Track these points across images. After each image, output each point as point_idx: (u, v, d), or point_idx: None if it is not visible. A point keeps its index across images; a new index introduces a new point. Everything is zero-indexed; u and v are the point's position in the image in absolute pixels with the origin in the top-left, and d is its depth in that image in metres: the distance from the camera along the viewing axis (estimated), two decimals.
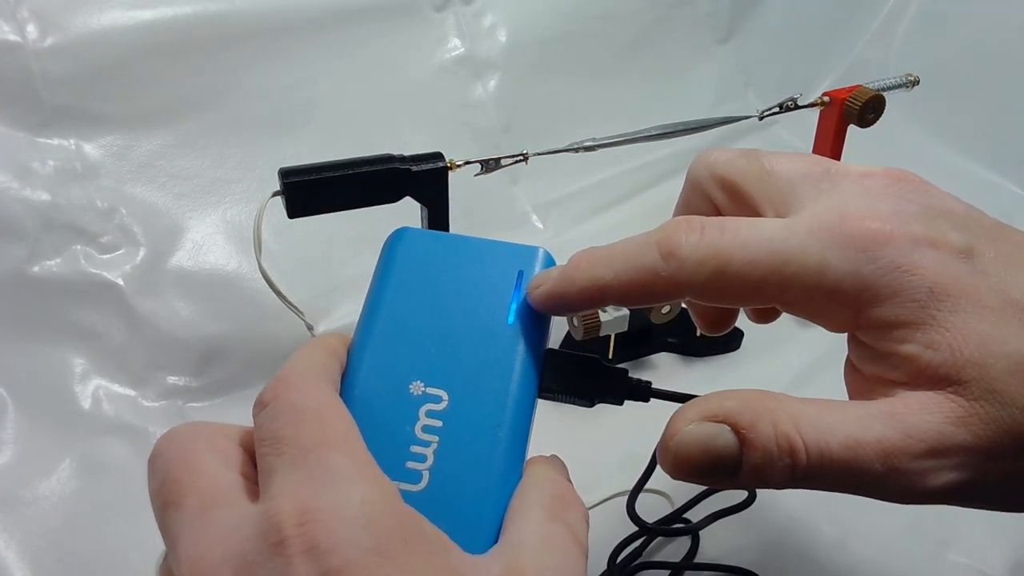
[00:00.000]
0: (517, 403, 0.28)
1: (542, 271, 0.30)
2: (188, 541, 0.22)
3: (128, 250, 0.54)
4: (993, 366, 0.24)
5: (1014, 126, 0.80)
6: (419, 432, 0.26)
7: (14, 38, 0.51)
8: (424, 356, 0.28)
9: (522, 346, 0.29)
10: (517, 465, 0.27)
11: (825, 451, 0.24)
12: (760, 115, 0.55)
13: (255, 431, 0.24)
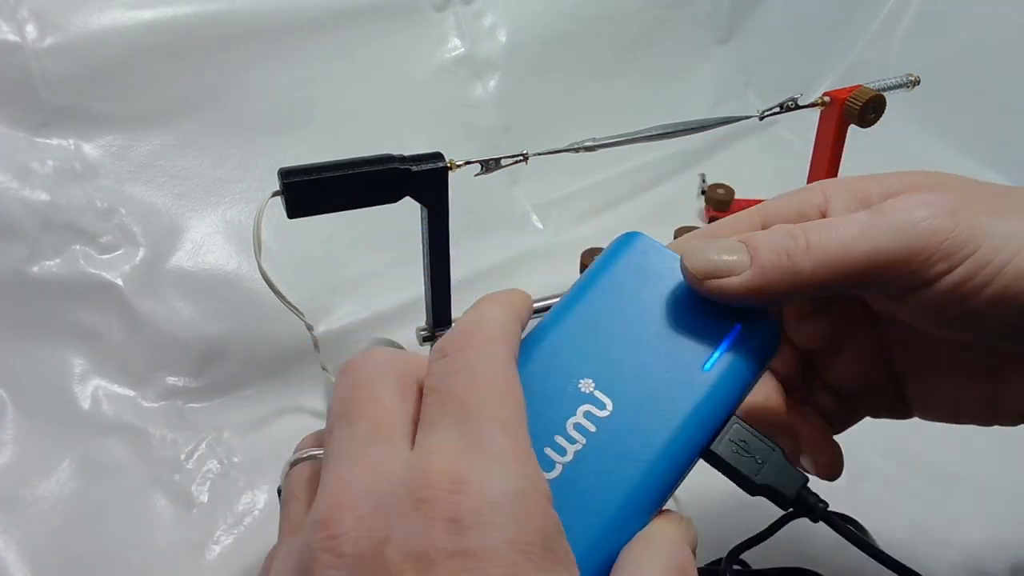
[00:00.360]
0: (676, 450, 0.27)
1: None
2: (344, 462, 0.22)
3: (128, 250, 0.54)
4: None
5: (1014, 126, 0.80)
6: (570, 427, 0.26)
7: (14, 38, 0.51)
8: (606, 360, 0.28)
9: (707, 399, 0.28)
10: (647, 510, 0.26)
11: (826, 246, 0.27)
12: (760, 115, 0.55)
13: (427, 376, 0.24)
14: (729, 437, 0.28)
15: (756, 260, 0.28)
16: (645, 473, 0.26)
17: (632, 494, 0.26)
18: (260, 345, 0.55)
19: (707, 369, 0.28)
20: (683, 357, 0.28)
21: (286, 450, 0.46)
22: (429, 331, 0.51)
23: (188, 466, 0.49)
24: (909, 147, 0.83)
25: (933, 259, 0.27)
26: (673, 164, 0.79)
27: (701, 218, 0.74)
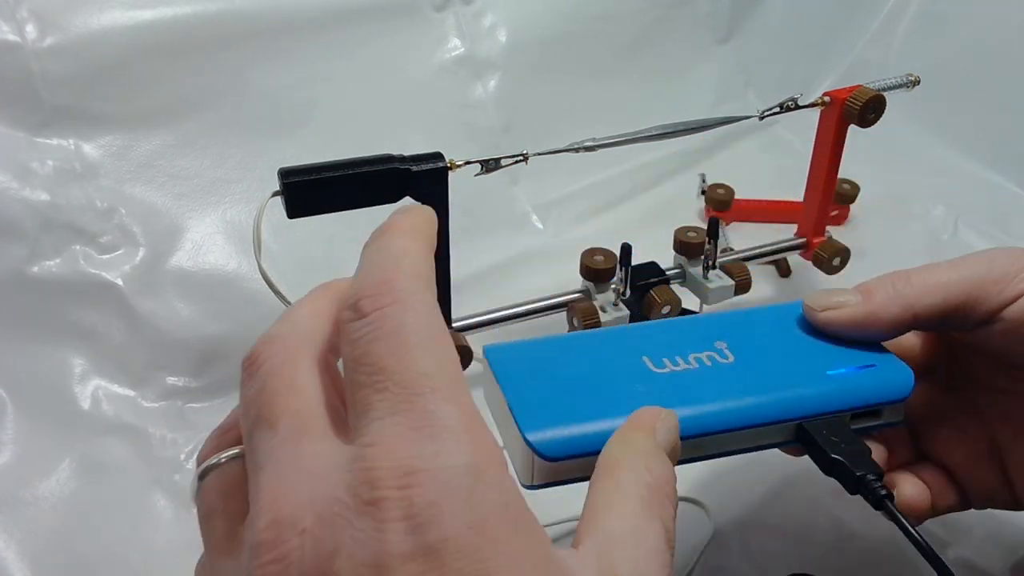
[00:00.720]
0: (767, 404, 0.34)
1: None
2: (273, 472, 0.20)
3: (127, 250, 0.54)
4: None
5: (1014, 126, 0.80)
6: (691, 357, 0.35)
7: (13, 38, 0.51)
8: (747, 339, 0.36)
9: (816, 388, 0.34)
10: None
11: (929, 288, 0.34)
12: (760, 115, 0.55)
13: (346, 345, 0.21)
14: (826, 423, 0.34)
15: (866, 294, 0.35)
16: (738, 399, 0.33)
17: (717, 413, 0.33)
18: None
19: (830, 373, 0.35)
20: (814, 361, 0.35)
21: None
22: None
23: (188, 466, 0.49)
24: (909, 147, 0.83)
25: (1017, 278, 0.33)
26: (673, 164, 0.79)
27: (701, 218, 0.74)
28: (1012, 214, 0.74)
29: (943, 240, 0.72)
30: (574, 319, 0.52)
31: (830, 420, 0.34)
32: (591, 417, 0.32)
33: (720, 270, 0.56)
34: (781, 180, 0.74)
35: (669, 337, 0.37)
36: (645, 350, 0.36)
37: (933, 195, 0.76)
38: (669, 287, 0.55)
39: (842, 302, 0.35)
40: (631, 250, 0.52)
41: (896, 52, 0.90)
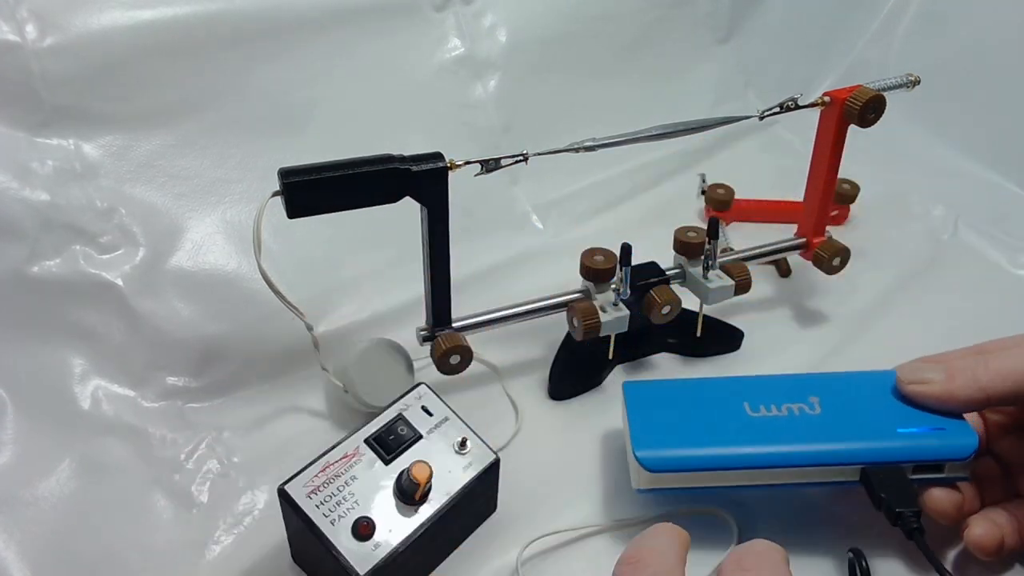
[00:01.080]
0: (842, 451, 0.43)
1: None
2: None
3: (127, 250, 0.54)
4: None
5: (1014, 126, 0.80)
6: (784, 406, 0.45)
7: (13, 38, 0.51)
8: (836, 396, 0.46)
9: (885, 442, 0.43)
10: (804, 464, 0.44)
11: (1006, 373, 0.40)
12: (760, 115, 0.55)
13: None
14: (886, 470, 0.43)
15: (948, 375, 0.42)
16: (816, 444, 0.44)
17: (799, 452, 0.43)
18: (260, 345, 0.55)
19: (900, 431, 0.43)
20: (890, 419, 0.44)
21: (286, 450, 0.47)
22: (429, 331, 0.51)
23: (188, 466, 0.49)
24: (909, 147, 0.83)
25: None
26: (673, 164, 0.79)
27: (701, 218, 0.74)
28: (1012, 214, 0.74)
29: (943, 240, 0.72)
30: (574, 319, 0.52)
31: (891, 468, 0.43)
32: (687, 444, 0.44)
33: (720, 270, 0.56)
34: (781, 180, 0.74)
35: (771, 388, 0.47)
36: (748, 397, 0.46)
37: (933, 195, 0.76)
38: (669, 287, 0.55)
39: (928, 379, 0.43)
40: (631, 250, 0.52)
41: (896, 52, 0.90)
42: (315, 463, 0.40)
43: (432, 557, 0.43)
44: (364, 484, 0.40)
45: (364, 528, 0.38)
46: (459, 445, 0.43)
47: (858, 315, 0.63)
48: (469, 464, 0.43)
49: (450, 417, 0.44)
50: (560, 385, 0.55)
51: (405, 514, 0.40)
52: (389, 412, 0.43)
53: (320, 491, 0.39)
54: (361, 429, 0.42)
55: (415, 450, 0.42)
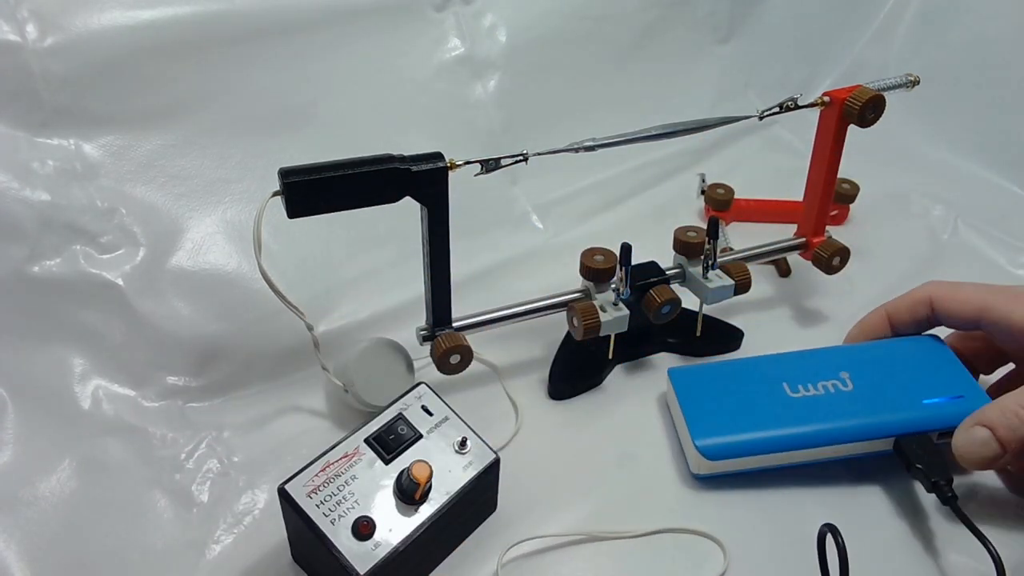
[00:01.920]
0: (874, 422, 0.48)
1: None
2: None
3: (128, 250, 0.54)
4: None
5: (1014, 126, 0.80)
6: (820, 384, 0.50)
7: (14, 38, 0.51)
8: (866, 368, 0.51)
9: (911, 414, 0.48)
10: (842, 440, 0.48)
11: None
12: (760, 115, 0.55)
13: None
14: (917, 440, 0.47)
15: (999, 438, 0.43)
16: (853, 420, 0.48)
17: (840, 428, 0.48)
18: (260, 345, 0.55)
19: (926, 402, 0.48)
20: (916, 391, 0.49)
21: (286, 450, 0.47)
22: (429, 331, 0.51)
23: (188, 466, 0.49)
24: (909, 147, 0.83)
25: None
26: (673, 164, 0.79)
27: (701, 218, 0.74)
28: (1012, 214, 0.74)
29: (943, 240, 0.72)
30: (574, 319, 0.52)
31: (920, 438, 0.47)
32: (741, 430, 0.48)
33: (720, 270, 0.56)
34: (781, 180, 0.74)
35: (805, 366, 0.51)
36: (786, 377, 0.50)
37: (933, 195, 0.76)
38: (669, 287, 0.55)
39: (986, 454, 0.44)
40: (631, 250, 0.52)
41: (896, 52, 0.90)
42: (315, 463, 0.40)
43: (432, 557, 0.43)
44: (364, 484, 0.40)
45: (364, 527, 0.38)
46: (459, 445, 0.43)
47: (858, 315, 0.63)
48: (469, 463, 0.43)
49: (450, 417, 0.44)
50: (560, 385, 0.55)
51: (405, 514, 0.40)
52: (389, 412, 0.43)
53: (320, 491, 0.39)
54: (361, 429, 0.42)
55: (415, 450, 0.42)
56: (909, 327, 0.53)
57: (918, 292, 0.51)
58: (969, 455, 0.44)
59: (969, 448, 0.44)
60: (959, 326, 0.51)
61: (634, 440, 0.52)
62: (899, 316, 0.52)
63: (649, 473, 0.50)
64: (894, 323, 0.53)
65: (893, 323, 0.53)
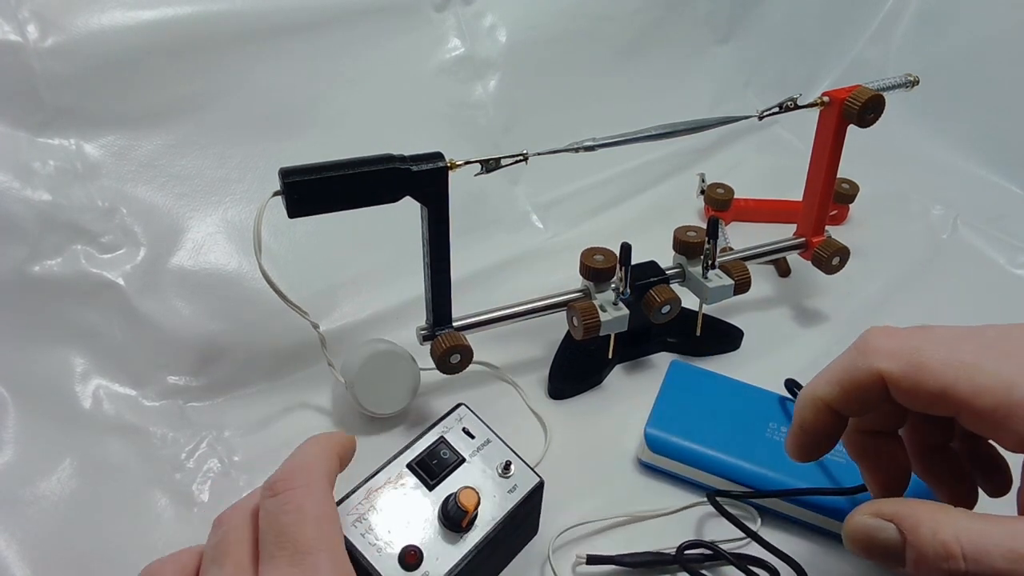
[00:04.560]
0: None
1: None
2: None
3: (129, 250, 0.54)
4: None
5: (1014, 126, 0.80)
6: None
7: (15, 38, 0.51)
8: None
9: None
10: None
11: (984, 560, 0.28)
12: (760, 115, 0.55)
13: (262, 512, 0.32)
14: None
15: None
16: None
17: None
18: (260, 344, 0.55)
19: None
20: None
21: (287, 449, 0.46)
22: (429, 330, 0.51)
23: (189, 465, 0.49)
24: (908, 147, 0.83)
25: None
26: (673, 164, 0.79)
27: (701, 218, 0.74)
28: (1011, 214, 0.74)
29: (942, 239, 0.72)
30: (574, 318, 0.52)
31: None
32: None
33: (720, 269, 0.56)
34: (780, 180, 0.74)
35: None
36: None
37: (932, 195, 0.76)
38: (669, 286, 0.55)
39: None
40: (631, 249, 0.52)
41: (895, 52, 0.91)
42: (358, 490, 0.39)
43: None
44: (408, 511, 0.38)
45: (411, 557, 0.37)
46: (503, 469, 0.41)
47: (857, 314, 0.63)
48: (514, 488, 0.41)
49: (492, 439, 0.43)
50: (560, 384, 0.55)
51: (451, 541, 0.38)
52: (431, 435, 0.42)
53: (364, 519, 0.38)
54: (403, 453, 0.41)
55: (458, 474, 0.41)
56: (870, 416, 0.37)
57: (859, 370, 0.33)
58: (856, 532, 0.32)
59: (860, 527, 0.32)
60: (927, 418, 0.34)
61: (634, 440, 0.52)
62: (847, 406, 0.35)
63: None
64: (844, 413, 0.35)
65: (842, 413, 0.35)
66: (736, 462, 0.47)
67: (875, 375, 0.32)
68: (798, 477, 0.46)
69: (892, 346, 0.33)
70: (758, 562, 0.43)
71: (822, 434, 0.35)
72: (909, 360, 0.32)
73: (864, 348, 0.33)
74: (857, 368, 0.33)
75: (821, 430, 0.35)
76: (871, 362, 0.33)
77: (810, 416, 0.35)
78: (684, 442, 0.48)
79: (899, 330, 0.33)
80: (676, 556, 0.43)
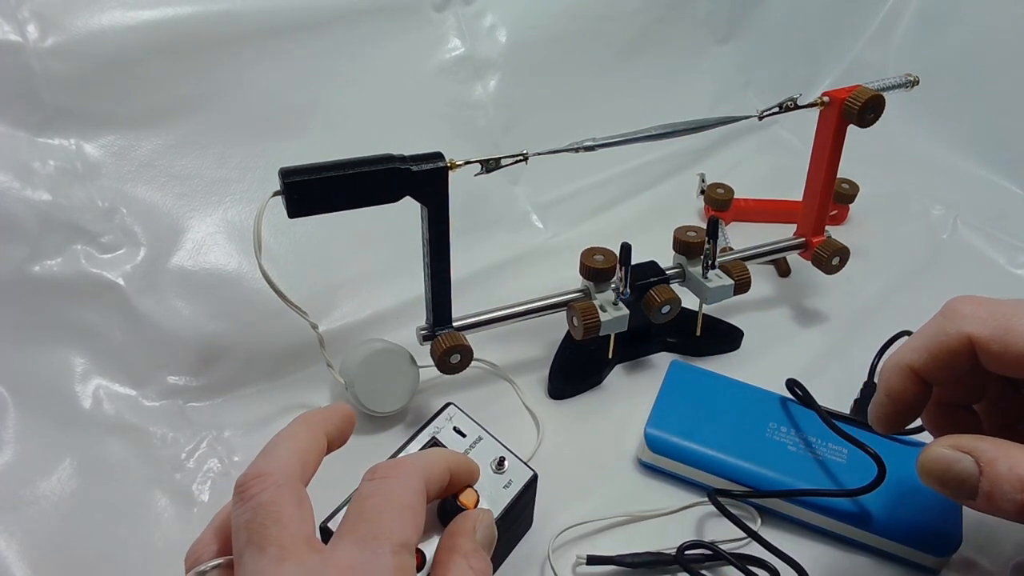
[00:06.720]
0: None
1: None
2: None
3: (129, 250, 0.54)
4: None
5: (1013, 126, 0.80)
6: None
7: (15, 38, 0.51)
8: None
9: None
10: None
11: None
12: (760, 115, 0.55)
13: (234, 508, 0.31)
14: None
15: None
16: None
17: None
18: (260, 344, 0.55)
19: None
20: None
21: None
22: (429, 330, 0.51)
23: (189, 465, 0.49)
24: (908, 147, 0.83)
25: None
26: (673, 164, 0.79)
27: (701, 218, 0.74)
28: (1011, 214, 0.74)
29: (942, 239, 0.72)
30: (574, 318, 0.52)
31: None
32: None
33: (719, 269, 0.56)
34: (780, 180, 0.75)
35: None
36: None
37: (932, 195, 0.76)
38: (669, 286, 0.55)
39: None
40: (631, 249, 0.52)
41: (895, 52, 0.91)
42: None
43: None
44: None
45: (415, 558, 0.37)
46: (497, 464, 0.42)
47: (857, 314, 0.63)
48: (508, 483, 0.41)
49: (483, 436, 0.43)
50: (560, 384, 0.55)
51: None
52: (422, 436, 0.42)
53: None
54: (396, 457, 0.41)
55: None
56: (951, 387, 0.38)
57: (949, 335, 0.34)
58: (934, 463, 0.33)
59: (939, 458, 0.33)
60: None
61: (634, 440, 0.52)
62: (935, 373, 0.35)
63: None
64: (930, 380, 0.36)
65: (928, 380, 0.36)
66: (736, 462, 0.47)
67: (964, 339, 0.33)
68: (798, 477, 0.46)
69: (980, 311, 0.33)
70: (758, 562, 0.43)
71: (908, 403, 0.36)
72: (999, 324, 0.33)
73: (952, 314, 0.34)
74: (946, 333, 0.34)
75: (908, 398, 0.36)
76: (960, 326, 0.33)
77: (897, 384, 0.36)
78: (684, 442, 0.48)
79: (985, 298, 0.34)
80: (676, 556, 0.43)
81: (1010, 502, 0.30)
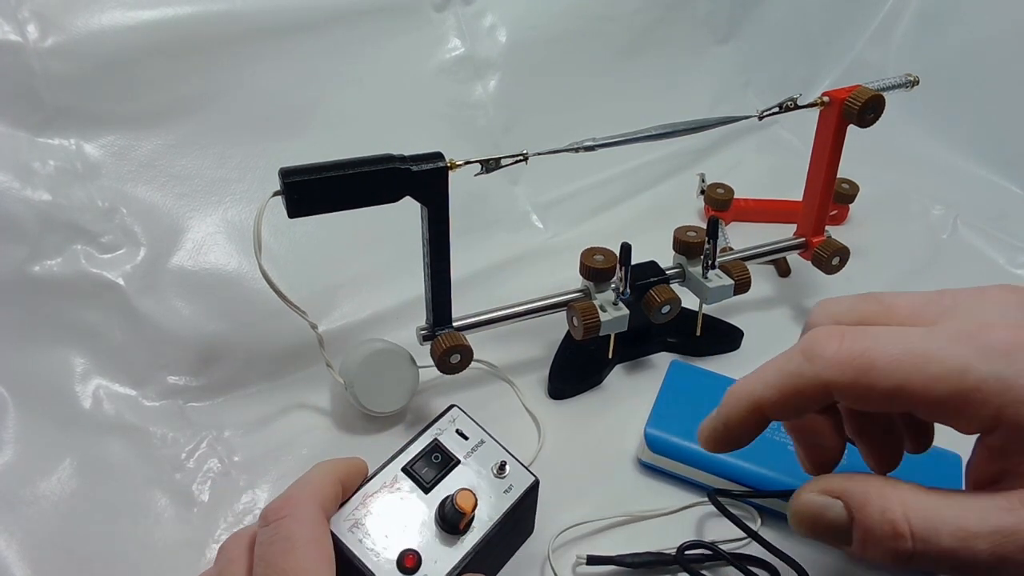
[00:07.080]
0: None
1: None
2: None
3: (129, 250, 0.54)
4: None
5: (1014, 126, 0.80)
6: None
7: (15, 38, 0.51)
8: None
9: None
10: None
11: (932, 539, 0.27)
12: (760, 115, 0.55)
13: (258, 537, 0.33)
14: None
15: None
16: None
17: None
18: (260, 344, 0.55)
19: None
20: None
21: (286, 449, 0.47)
22: (429, 331, 0.51)
23: (189, 465, 0.49)
24: (908, 147, 0.83)
25: None
26: (673, 164, 0.80)
27: (700, 218, 0.74)
28: (1011, 214, 0.74)
29: (942, 239, 0.72)
30: (574, 318, 0.52)
31: None
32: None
33: (720, 269, 0.56)
34: (780, 180, 0.75)
35: None
36: None
37: (932, 194, 0.76)
38: (669, 286, 0.55)
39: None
40: (631, 249, 0.52)
41: (895, 52, 0.91)
42: (355, 495, 0.39)
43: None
44: (405, 515, 0.38)
45: (410, 561, 0.37)
46: (498, 469, 0.41)
47: None
48: (509, 488, 0.41)
49: (486, 440, 0.43)
50: (560, 384, 0.55)
51: (449, 544, 0.38)
52: (424, 437, 0.42)
53: (361, 525, 0.37)
54: (398, 457, 0.41)
55: (454, 476, 0.40)
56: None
57: (804, 379, 0.31)
58: (803, 511, 0.31)
59: (808, 505, 0.31)
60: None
61: (634, 440, 0.52)
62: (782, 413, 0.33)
63: None
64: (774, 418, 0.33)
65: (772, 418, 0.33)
66: (736, 462, 0.47)
67: (821, 385, 0.30)
68: (798, 477, 0.45)
69: (840, 354, 0.30)
70: (758, 562, 0.43)
71: (745, 432, 0.34)
72: (858, 366, 0.29)
73: (811, 355, 0.30)
74: (802, 376, 0.31)
75: (748, 429, 0.33)
76: (817, 371, 0.30)
77: (737, 415, 0.33)
78: (684, 442, 0.48)
79: (846, 331, 0.30)
80: (676, 556, 0.43)
81: (883, 552, 0.28)
